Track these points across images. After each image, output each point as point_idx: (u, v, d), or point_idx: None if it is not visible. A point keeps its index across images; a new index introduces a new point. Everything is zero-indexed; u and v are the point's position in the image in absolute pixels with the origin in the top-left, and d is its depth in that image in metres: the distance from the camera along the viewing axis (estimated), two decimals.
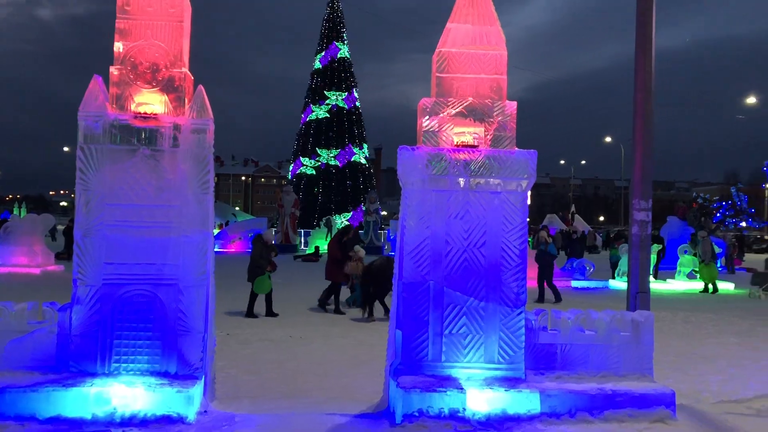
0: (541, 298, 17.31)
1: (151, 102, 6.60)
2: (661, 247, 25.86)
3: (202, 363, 6.48)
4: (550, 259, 17.87)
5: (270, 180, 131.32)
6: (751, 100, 50.90)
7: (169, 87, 6.63)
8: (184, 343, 6.46)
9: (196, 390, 6.24)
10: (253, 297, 13.69)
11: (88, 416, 5.93)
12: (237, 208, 77.33)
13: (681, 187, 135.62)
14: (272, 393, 7.71)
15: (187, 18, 6.85)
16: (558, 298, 17.16)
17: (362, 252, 15.18)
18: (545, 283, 17.66)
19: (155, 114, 6.56)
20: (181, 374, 6.40)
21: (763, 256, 30.71)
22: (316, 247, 33.37)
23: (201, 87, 6.67)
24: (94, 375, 6.31)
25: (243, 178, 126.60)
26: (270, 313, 13.68)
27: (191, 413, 6.08)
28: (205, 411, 6.39)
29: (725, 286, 21.90)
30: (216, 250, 7.58)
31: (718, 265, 24.60)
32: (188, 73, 6.82)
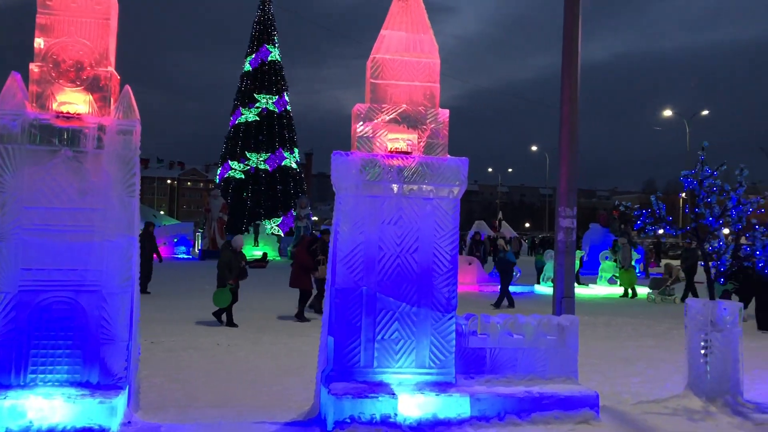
0: (511, 304, 17.68)
1: (74, 101, 6.34)
2: (584, 252, 26.76)
3: (126, 372, 6.27)
4: (507, 266, 18.37)
5: (197, 183, 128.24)
6: (668, 112, 53.64)
7: (93, 86, 6.40)
8: (107, 352, 6.23)
9: (120, 400, 6.02)
10: (229, 306, 13.25)
11: (2, 430, 5.64)
12: (162, 212, 75.25)
13: (602, 195, 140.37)
14: (199, 402, 7.52)
15: (113, 16, 6.63)
16: (497, 305, 17.51)
17: None
18: (499, 287, 18.13)
19: (78, 114, 6.31)
20: (103, 384, 6.17)
21: (678, 262, 32.19)
22: (264, 254, 32.49)
23: (128, 87, 6.47)
24: (8, 387, 6.01)
25: (168, 181, 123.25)
26: (230, 323, 13.17)
27: (114, 424, 5.87)
28: (129, 422, 6.19)
29: (643, 291, 22.83)
30: None
31: (637, 270, 25.65)
32: (114, 72, 6.59)
